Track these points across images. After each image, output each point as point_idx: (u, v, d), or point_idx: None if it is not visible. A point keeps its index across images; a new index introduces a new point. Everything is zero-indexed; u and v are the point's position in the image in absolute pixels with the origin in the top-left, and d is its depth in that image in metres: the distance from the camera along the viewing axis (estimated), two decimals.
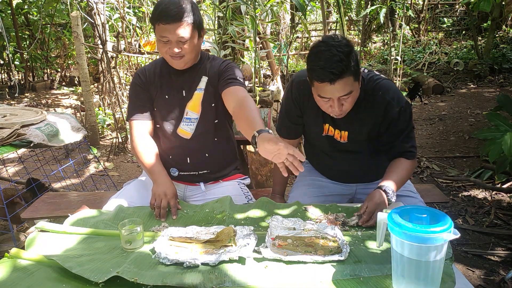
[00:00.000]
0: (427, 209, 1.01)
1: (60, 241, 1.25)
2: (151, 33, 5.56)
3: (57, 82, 8.08)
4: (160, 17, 1.46)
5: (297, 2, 2.84)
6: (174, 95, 1.65)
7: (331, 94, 1.37)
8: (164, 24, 1.46)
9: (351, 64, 1.32)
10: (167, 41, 1.50)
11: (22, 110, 2.43)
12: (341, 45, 1.32)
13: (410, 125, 1.52)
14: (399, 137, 1.50)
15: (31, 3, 7.34)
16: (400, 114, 1.48)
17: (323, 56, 1.32)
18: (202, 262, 1.10)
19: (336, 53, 1.30)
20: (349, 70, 1.31)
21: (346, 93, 1.36)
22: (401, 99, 1.49)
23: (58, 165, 3.03)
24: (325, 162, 1.75)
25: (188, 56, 1.55)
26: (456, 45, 9.42)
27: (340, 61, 1.29)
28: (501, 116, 2.66)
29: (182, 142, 1.68)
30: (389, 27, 5.52)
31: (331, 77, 1.30)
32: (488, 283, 2.05)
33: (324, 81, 1.33)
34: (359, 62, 1.39)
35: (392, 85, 1.53)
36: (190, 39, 1.51)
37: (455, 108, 5.61)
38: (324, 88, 1.36)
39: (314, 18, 14.32)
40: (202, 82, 1.63)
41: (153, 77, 1.67)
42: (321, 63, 1.31)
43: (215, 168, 1.75)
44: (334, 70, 1.29)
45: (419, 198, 1.67)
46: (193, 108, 1.64)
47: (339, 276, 1.05)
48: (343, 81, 1.32)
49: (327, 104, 1.41)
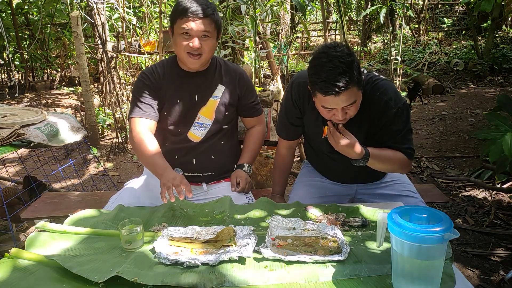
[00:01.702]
0: (427, 209, 1.01)
1: (60, 241, 1.25)
2: (151, 33, 5.56)
3: (57, 82, 8.08)
4: (185, 11, 1.48)
5: (297, 2, 2.84)
6: (186, 99, 1.66)
7: (336, 105, 1.36)
8: (190, 17, 1.48)
9: (354, 74, 1.30)
10: (189, 35, 1.50)
11: (22, 110, 2.43)
12: (343, 56, 1.30)
13: (407, 127, 1.50)
14: (395, 137, 1.50)
15: (31, 3, 7.34)
16: (396, 115, 1.47)
17: (326, 69, 1.30)
18: (202, 262, 1.10)
19: (339, 64, 1.28)
20: (352, 81, 1.30)
21: (351, 103, 1.36)
22: (399, 100, 1.49)
23: (58, 165, 3.03)
24: (325, 162, 1.75)
25: (205, 56, 1.57)
26: (456, 45, 9.42)
27: (344, 73, 1.28)
28: (501, 116, 2.66)
29: (189, 144, 1.69)
30: (389, 27, 5.52)
31: (336, 90, 1.29)
32: (488, 283, 2.05)
33: (329, 94, 1.32)
34: (361, 70, 1.39)
35: (391, 85, 1.53)
36: (211, 36, 1.54)
37: (455, 108, 5.62)
38: (328, 100, 1.35)
39: (314, 18, 14.32)
40: (219, 91, 1.65)
41: (163, 79, 1.66)
42: (324, 75, 1.30)
43: (219, 169, 1.76)
44: (339, 84, 1.28)
45: (419, 198, 1.67)
46: (206, 114, 1.65)
47: (339, 276, 1.05)
48: (347, 92, 1.31)
49: (331, 113, 1.41)
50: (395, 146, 1.50)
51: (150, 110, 1.65)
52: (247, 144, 1.84)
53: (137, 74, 4.86)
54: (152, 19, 5.22)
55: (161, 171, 1.52)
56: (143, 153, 1.59)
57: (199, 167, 1.72)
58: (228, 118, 1.73)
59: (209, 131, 1.68)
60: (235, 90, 1.72)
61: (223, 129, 1.73)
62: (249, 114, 1.82)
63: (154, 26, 5.17)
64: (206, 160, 1.71)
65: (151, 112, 1.65)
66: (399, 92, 1.55)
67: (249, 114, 1.82)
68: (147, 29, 5.41)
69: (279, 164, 1.82)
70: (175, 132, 1.69)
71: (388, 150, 1.51)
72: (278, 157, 1.82)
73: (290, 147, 1.80)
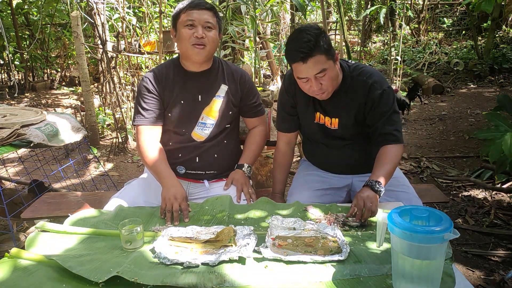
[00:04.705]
0: (427, 209, 1.01)
1: (60, 241, 1.25)
2: (151, 33, 5.56)
3: (57, 82, 8.08)
4: (190, 4, 1.58)
5: (297, 2, 2.85)
6: (190, 100, 1.68)
7: (306, 73, 1.47)
8: (193, 9, 1.57)
9: (320, 43, 1.43)
10: (193, 26, 1.57)
11: (22, 110, 2.43)
12: (310, 29, 1.46)
13: (392, 108, 1.57)
14: (381, 119, 1.56)
15: (31, 3, 7.34)
16: (382, 96, 1.55)
17: (293, 39, 1.47)
18: (202, 262, 1.10)
19: (305, 35, 1.44)
20: (318, 48, 1.43)
21: (320, 70, 1.46)
22: (384, 82, 1.58)
23: (58, 165, 3.03)
24: (320, 151, 1.79)
25: (209, 48, 1.61)
26: (456, 45, 9.42)
27: (308, 41, 1.42)
28: (501, 116, 2.66)
29: (193, 144, 1.70)
30: (389, 27, 5.52)
31: (301, 55, 1.43)
32: (488, 283, 2.05)
33: (296, 61, 1.46)
34: (331, 43, 1.50)
35: (376, 71, 1.63)
36: (214, 29, 1.60)
37: (455, 108, 5.62)
38: (298, 69, 1.48)
39: (314, 18, 14.32)
40: (222, 90, 1.67)
41: (166, 81, 1.68)
42: (292, 45, 1.46)
43: (222, 168, 1.77)
44: (303, 49, 1.42)
45: (414, 193, 1.69)
46: (210, 114, 1.67)
47: (339, 276, 1.05)
48: (314, 59, 1.43)
49: (307, 85, 1.52)
50: (383, 128, 1.55)
51: (154, 115, 1.67)
52: (249, 144, 1.85)
53: (137, 74, 4.87)
54: (152, 19, 5.22)
55: (165, 181, 1.56)
56: (148, 164, 1.64)
57: (202, 165, 1.73)
58: (231, 118, 1.75)
59: (213, 131, 1.69)
60: (238, 91, 1.75)
61: (226, 128, 1.75)
62: (251, 114, 1.84)
63: (154, 26, 5.16)
64: (209, 159, 1.73)
65: (155, 117, 1.67)
66: (385, 78, 1.64)
67: (251, 115, 1.84)
68: (147, 29, 5.40)
69: (278, 162, 1.84)
70: (179, 132, 1.71)
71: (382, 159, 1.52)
72: (277, 154, 1.85)
73: (289, 142, 1.83)
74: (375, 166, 1.51)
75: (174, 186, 1.53)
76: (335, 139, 1.70)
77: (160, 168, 1.60)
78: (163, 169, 1.60)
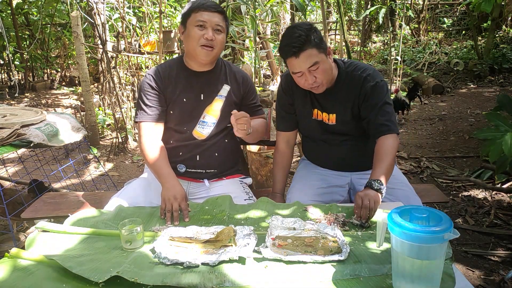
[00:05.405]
0: (427, 209, 1.01)
1: (60, 241, 1.25)
2: (151, 33, 5.56)
3: (57, 82, 8.09)
4: (201, 4, 1.59)
5: (297, 2, 2.85)
6: (192, 98, 1.69)
7: (300, 67, 1.51)
8: (205, 10, 1.58)
9: (311, 38, 1.48)
10: (203, 27, 1.58)
11: (22, 110, 2.43)
12: (302, 25, 1.52)
13: (385, 100, 1.59)
14: (373, 110, 1.58)
15: (31, 3, 7.34)
16: (374, 88, 1.59)
17: (286, 36, 1.52)
18: (202, 262, 1.10)
19: (296, 31, 1.49)
20: (309, 42, 1.47)
21: (312, 64, 1.50)
22: (376, 76, 1.62)
23: (58, 165, 3.03)
24: (320, 148, 1.80)
25: (217, 51, 1.62)
26: (456, 45, 9.42)
27: (299, 36, 1.47)
28: (501, 116, 2.66)
29: (194, 142, 1.71)
30: (389, 27, 5.52)
31: (293, 50, 1.48)
32: (488, 283, 2.05)
33: (289, 56, 1.51)
34: (322, 37, 1.54)
35: (370, 66, 1.67)
36: (223, 32, 1.62)
37: (455, 108, 5.62)
38: (292, 63, 1.52)
39: (314, 18, 14.32)
40: (224, 90, 1.67)
41: (169, 79, 1.69)
42: (285, 41, 1.52)
43: (222, 167, 1.78)
44: (295, 44, 1.47)
45: (413, 191, 1.69)
46: (211, 113, 1.67)
47: (339, 276, 1.05)
48: (306, 53, 1.48)
49: (302, 79, 1.55)
50: (376, 119, 1.57)
51: (156, 113, 1.68)
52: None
53: (137, 74, 4.87)
54: (152, 19, 5.22)
55: (165, 182, 1.56)
56: (148, 161, 1.64)
57: (202, 164, 1.74)
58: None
59: (214, 129, 1.69)
60: (239, 91, 1.77)
61: (227, 127, 1.75)
62: (250, 114, 1.83)
63: (154, 26, 5.16)
64: (209, 157, 1.73)
65: (158, 114, 1.68)
66: (379, 72, 1.67)
67: (251, 114, 1.83)
68: (147, 29, 5.40)
69: (278, 161, 1.85)
70: (180, 130, 1.71)
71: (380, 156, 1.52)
72: (277, 154, 1.85)
73: (288, 141, 1.84)
74: (374, 164, 1.51)
75: (174, 186, 1.53)
76: (333, 135, 1.73)
77: (160, 168, 1.61)
78: (163, 169, 1.61)
